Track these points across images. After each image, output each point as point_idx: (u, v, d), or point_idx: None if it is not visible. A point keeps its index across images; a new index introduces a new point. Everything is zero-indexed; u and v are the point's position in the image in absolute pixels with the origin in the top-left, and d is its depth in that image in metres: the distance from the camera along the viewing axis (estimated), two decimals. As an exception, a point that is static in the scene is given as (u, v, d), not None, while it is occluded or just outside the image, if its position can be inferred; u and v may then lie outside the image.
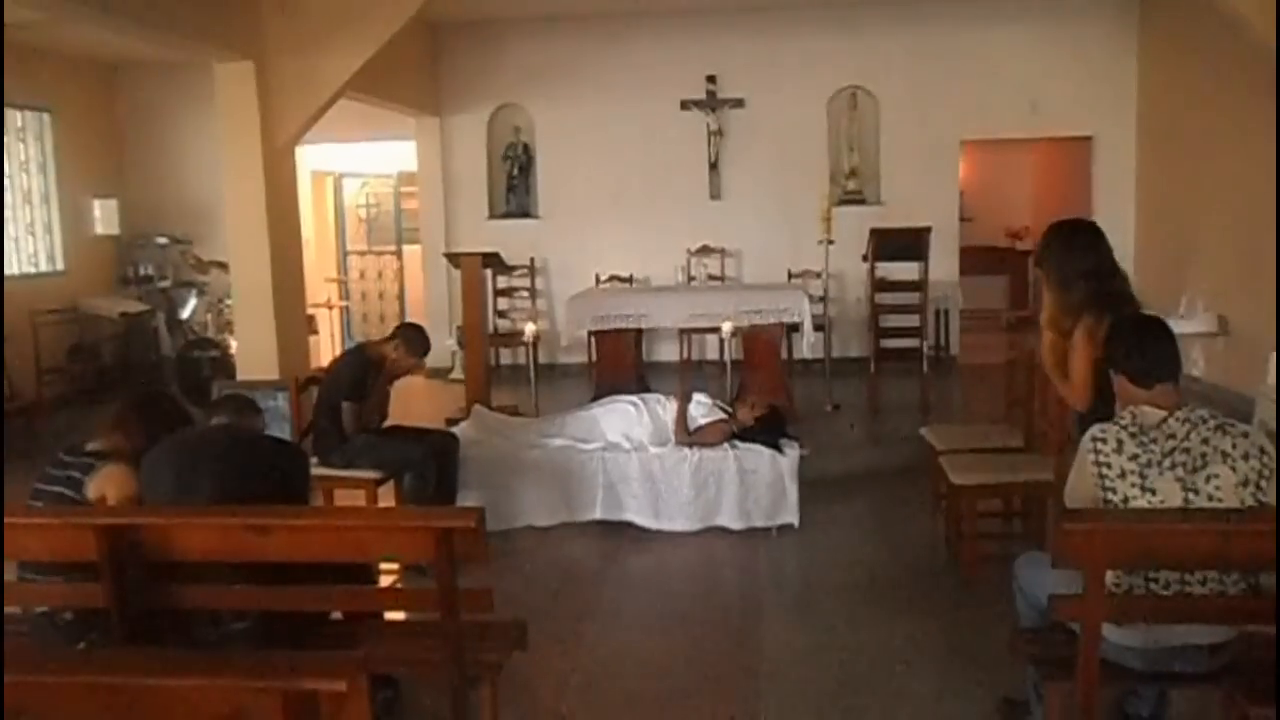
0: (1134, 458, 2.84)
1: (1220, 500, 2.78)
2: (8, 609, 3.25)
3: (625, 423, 6.16)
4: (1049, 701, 2.99)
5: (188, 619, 3.16)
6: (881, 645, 4.27)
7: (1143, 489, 2.82)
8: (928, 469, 5.72)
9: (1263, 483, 2.80)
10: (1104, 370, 3.21)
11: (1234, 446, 2.81)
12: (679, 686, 4.00)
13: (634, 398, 6.41)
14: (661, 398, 6.37)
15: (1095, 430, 2.91)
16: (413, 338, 5.45)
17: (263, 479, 3.25)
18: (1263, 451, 2.83)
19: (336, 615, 3.50)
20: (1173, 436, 2.84)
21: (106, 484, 3.31)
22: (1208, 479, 2.79)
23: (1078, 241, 3.82)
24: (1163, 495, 2.80)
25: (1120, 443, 2.86)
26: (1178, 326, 8.75)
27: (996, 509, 5.38)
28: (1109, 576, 2.80)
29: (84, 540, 2.90)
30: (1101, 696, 2.85)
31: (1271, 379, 6.37)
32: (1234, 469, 2.79)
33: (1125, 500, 2.83)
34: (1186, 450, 2.82)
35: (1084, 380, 3.54)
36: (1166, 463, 2.82)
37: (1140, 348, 2.99)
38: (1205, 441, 2.82)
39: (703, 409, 6.08)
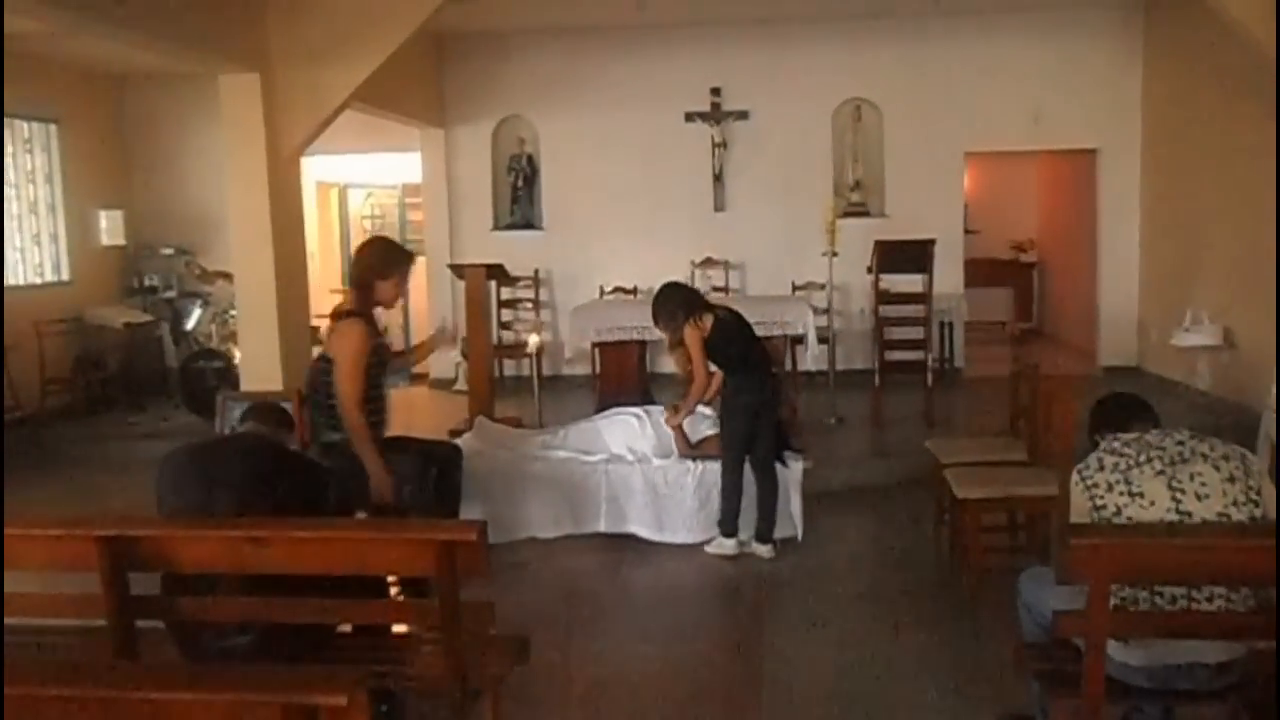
0: (1115, 466, 2.90)
1: (1207, 496, 2.81)
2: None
3: (628, 434, 6.15)
4: (1053, 718, 2.97)
5: (192, 631, 3.15)
6: (885, 659, 4.25)
7: (1130, 494, 2.84)
8: (932, 482, 5.70)
9: (1252, 480, 2.83)
10: (711, 348, 5.42)
11: (1211, 449, 2.88)
12: (682, 699, 3.98)
13: (637, 409, 6.41)
14: (665, 409, 6.36)
15: (1078, 466, 3.00)
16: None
17: (286, 492, 3.24)
18: (1243, 456, 2.90)
19: (345, 628, 3.49)
20: (1148, 443, 2.92)
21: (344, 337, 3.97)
22: (1192, 476, 2.83)
23: (666, 295, 5.61)
24: (1151, 496, 2.83)
25: (1101, 461, 2.94)
26: (1182, 339, 8.74)
27: (1001, 523, 5.36)
28: (1114, 592, 2.78)
29: (85, 551, 2.89)
30: (1106, 714, 2.83)
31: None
32: (1217, 467, 2.84)
33: (1117, 511, 2.84)
34: (1163, 449, 2.89)
35: (700, 359, 5.46)
36: (1143, 457, 2.87)
37: (1125, 413, 3.16)
38: (1181, 444, 2.89)
39: (707, 421, 6.06)
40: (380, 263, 4.44)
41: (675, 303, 5.58)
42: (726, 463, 5.56)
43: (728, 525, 5.55)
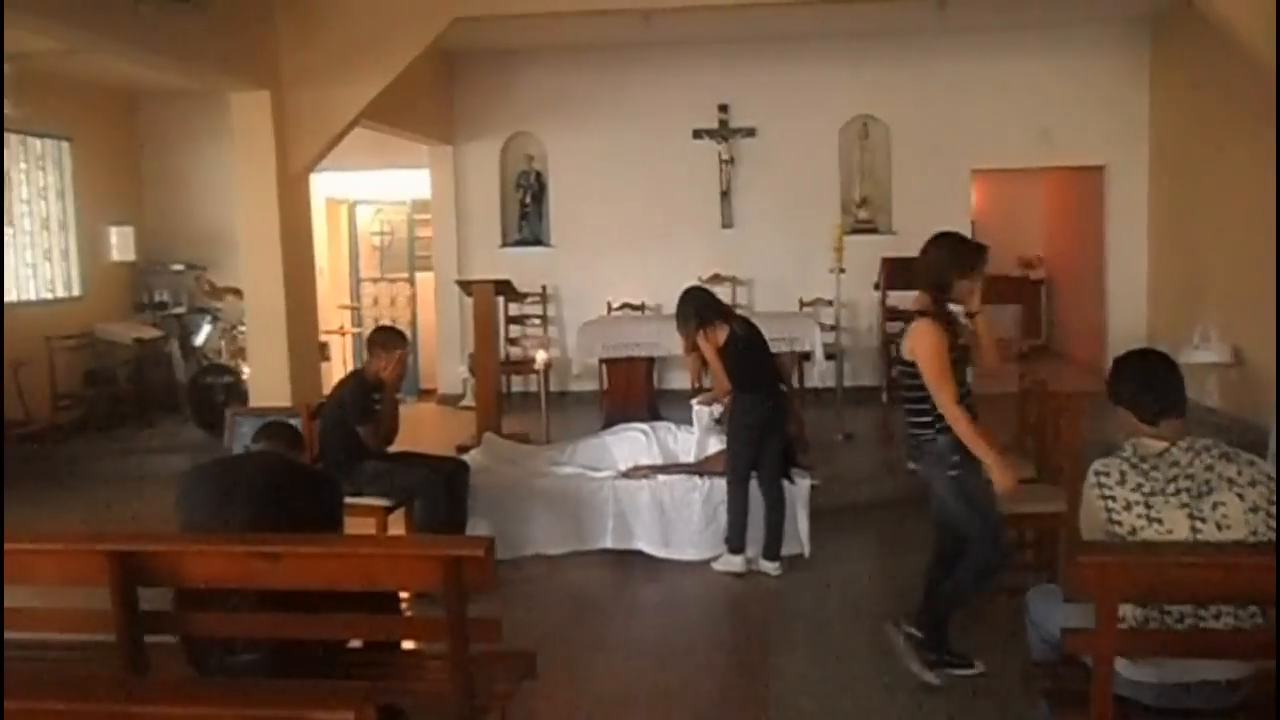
0: (1138, 488, 2.83)
1: (1228, 527, 2.76)
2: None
3: (635, 450, 6.16)
4: (1062, 736, 2.95)
5: (203, 647, 3.16)
6: (892, 677, 4.23)
7: (1149, 519, 2.80)
8: (940, 499, 5.68)
9: (1272, 509, 2.79)
10: (728, 355, 5.48)
11: (1239, 474, 2.80)
12: (688, 717, 3.97)
13: (644, 425, 6.41)
14: (672, 426, 6.37)
15: (1098, 464, 2.92)
16: (382, 339, 5.51)
17: (301, 507, 3.29)
18: (1270, 479, 2.83)
19: (355, 643, 3.50)
20: (1176, 464, 2.83)
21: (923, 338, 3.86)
22: (1214, 506, 2.78)
23: (686, 298, 5.70)
24: (1169, 524, 2.78)
25: (1123, 474, 2.85)
26: (1191, 356, 8.71)
27: (1009, 540, 5.33)
28: (1123, 610, 2.77)
29: (95, 566, 2.91)
30: (1115, 732, 2.81)
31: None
32: (1241, 496, 2.78)
33: (1133, 531, 2.81)
34: (1190, 477, 2.81)
35: (718, 369, 5.56)
36: (1170, 489, 2.80)
37: (1147, 385, 2.99)
38: (1209, 469, 2.81)
39: (714, 438, 6.07)
40: (956, 259, 4.12)
41: (691, 309, 5.63)
42: (732, 480, 5.56)
43: (734, 542, 5.55)
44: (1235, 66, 7.17)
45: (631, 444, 6.19)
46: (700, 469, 5.92)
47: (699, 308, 5.64)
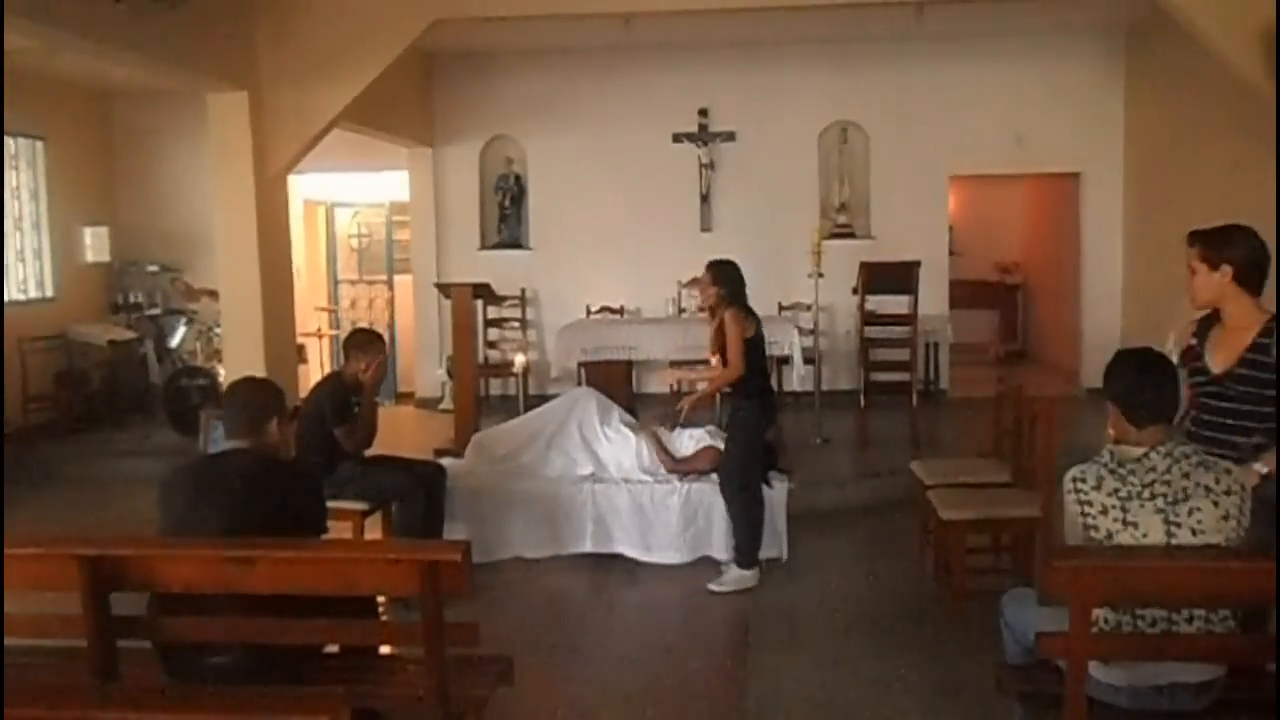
0: (1114, 492, 2.84)
1: (1203, 533, 2.79)
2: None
3: (624, 450, 6.13)
4: (1036, 739, 2.98)
5: (177, 650, 3.14)
6: (868, 680, 4.25)
7: (1124, 523, 2.82)
8: (916, 503, 5.72)
9: (1243, 519, 2.82)
10: (750, 345, 5.34)
11: (1217, 481, 2.82)
12: (666, 722, 3.97)
13: (635, 422, 6.40)
14: (662, 428, 6.35)
15: (1074, 470, 2.93)
16: (361, 341, 5.49)
17: (279, 506, 3.27)
18: (1244, 488, 2.85)
19: (332, 647, 3.48)
20: (1153, 470, 2.84)
21: None
22: (1190, 512, 2.80)
23: (730, 266, 5.56)
24: (1145, 529, 2.81)
25: (1100, 479, 2.87)
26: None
27: (985, 544, 5.37)
28: (1096, 614, 2.79)
29: (66, 570, 2.88)
30: (1089, 735, 2.84)
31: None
32: (1216, 503, 2.80)
33: (1109, 535, 2.84)
34: (1167, 483, 2.82)
35: (738, 350, 5.32)
36: (1146, 494, 2.82)
37: (1139, 387, 2.96)
38: (1186, 476, 2.83)
39: (692, 441, 6.08)
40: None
41: (728, 279, 5.48)
42: (740, 488, 5.41)
43: (751, 555, 5.37)
44: (1209, 75, 7.25)
45: (623, 443, 6.17)
46: (680, 467, 5.91)
47: (734, 283, 5.48)
